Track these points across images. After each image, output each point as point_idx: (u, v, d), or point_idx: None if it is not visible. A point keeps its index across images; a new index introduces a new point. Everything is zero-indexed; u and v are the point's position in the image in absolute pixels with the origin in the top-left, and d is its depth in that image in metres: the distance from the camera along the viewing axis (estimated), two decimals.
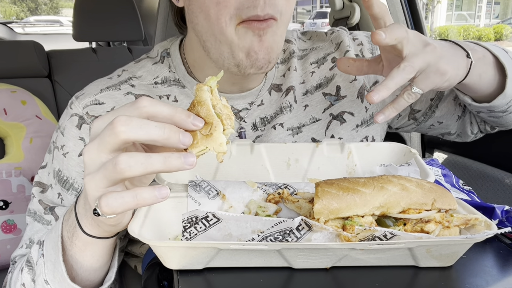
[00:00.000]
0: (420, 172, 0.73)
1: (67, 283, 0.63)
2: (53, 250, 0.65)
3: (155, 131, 0.48)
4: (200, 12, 0.76)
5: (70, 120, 0.83)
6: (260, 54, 0.75)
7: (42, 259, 0.67)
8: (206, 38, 0.78)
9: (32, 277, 0.69)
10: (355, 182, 0.60)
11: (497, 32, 18.16)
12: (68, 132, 0.83)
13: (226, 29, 0.73)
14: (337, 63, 0.81)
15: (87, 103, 0.83)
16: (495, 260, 0.62)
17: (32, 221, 0.83)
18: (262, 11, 0.71)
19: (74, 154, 0.82)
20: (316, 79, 0.94)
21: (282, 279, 0.58)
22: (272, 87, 0.92)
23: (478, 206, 0.71)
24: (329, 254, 0.57)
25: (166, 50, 0.91)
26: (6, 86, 1.76)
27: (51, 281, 0.66)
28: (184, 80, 0.87)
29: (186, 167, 0.49)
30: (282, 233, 0.55)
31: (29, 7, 30.96)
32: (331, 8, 1.95)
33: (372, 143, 0.83)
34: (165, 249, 0.57)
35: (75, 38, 2.13)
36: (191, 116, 0.50)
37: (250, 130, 0.88)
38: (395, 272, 0.59)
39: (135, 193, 0.49)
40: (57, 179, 0.83)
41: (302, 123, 0.91)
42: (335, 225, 0.58)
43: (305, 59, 0.96)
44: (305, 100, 0.92)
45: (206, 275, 0.58)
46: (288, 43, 0.96)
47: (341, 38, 0.96)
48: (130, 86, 0.86)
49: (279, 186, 0.71)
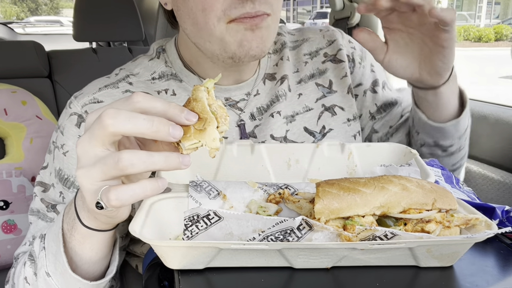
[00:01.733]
0: (421, 173, 0.74)
1: (68, 274, 0.64)
2: (54, 242, 0.66)
3: (143, 123, 0.48)
4: (188, 18, 0.78)
5: (70, 119, 0.84)
6: (253, 43, 0.76)
7: (43, 252, 0.68)
8: (196, 41, 0.80)
9: (34, 270, 0.70)
10: (356, 182, 0.60)
11: (497, 32, 18.15)
12: (68, 131, 0.83)
13: (215, 30, 0.75)
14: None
15: (86, 101, 0.84)
16: (495, 260, 0.62)
17: (36, 219, 0.83)
18: (252, 8, 0.72)
19: (74, 152, 0.82)
20: (310, 69, 0.96)
21: (283, 279, 0.58)
22: (266, 76, 0.93)
23: (478, 206, 0.71)
24: (329, 254, 0.57)
25: (162, 46, 0.92)
26: (7, 86, 1.76)
27: (52, 273, 0.66)
28: (181, 74, 0.88)
29: (182, 167, 0.50)
30: (283, 233, 0.55)
31: (29, 7, 30.97)
32: (331, 9, 1.95)
33: (372, 143, 0.83)
34: (166, 248, 0.57)
35: (75, 38, 2.12)
36: (184, 111, 0.50)
37: (249, 120, 0.90)
38: (395, 272, 0.59)
39: (143, 185, 0.50)
40: (58, 178, 0.83)
41: (296, 112, 0.93)
42: (336, 225, 0.58)
43: (298, 49, 0.98)
44: (298, 89, 0.94)
45: (207, 275, 0.58)
46: (279, 35, 0.98)
47: (335, 37, 1.00)
48: (128, 83, 0.87)
49: (280, 186, 0.71)
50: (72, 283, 0.65)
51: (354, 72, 1.00)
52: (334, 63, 0.98)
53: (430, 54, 0.80)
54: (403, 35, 0.82)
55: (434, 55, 0.79)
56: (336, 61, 0.98)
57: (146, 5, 3.08)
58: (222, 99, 0.88)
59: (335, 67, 0.98)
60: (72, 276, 0.64)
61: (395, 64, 0.83)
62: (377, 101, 1.02)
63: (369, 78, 1.02)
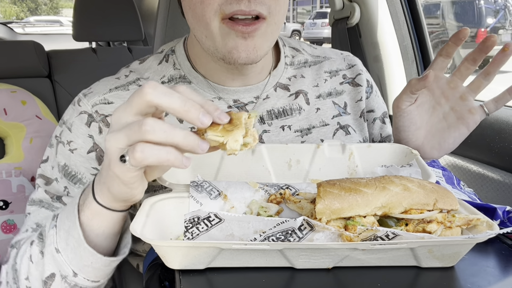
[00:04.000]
0: (422, 173, 0.73)
1: (83, 247, 0.64)
2: (68, 219, 0.66)
3: (177, 100, 0.52)
4: (188, 9, 0.78)
5: (79, 117, 0.84)
6: (242, 54, 0.75)
7: (54, 229, 0.68)
8: (195, 33, 0.81)
9: (40, 249, 0.70)
10: (357, 182, 0.60)
11: None
12: (77, 129, 0.83)
13: (210, 25, 0.75)
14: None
15: (96, 101, 0.84)
16: (496, 261, 0.62)
17: (38, 208, 0.83)
18: (247, 6, 0.72)
19: (83, 151, 0.83)
20: (328, 87, 0.97)
21: (284, 279, 0.58)
22: (278, 85, 0.93)
23: (480, 207, 0.71)
24: (331, 254, 0.57)
25: (171, 48, 0.93)
26: (6, 86, 1.75)
27: (62, 250, 0.66)
28: (190, 75, 0.89)
29: (198, 150, 0.52)
30: (284, 233, 0.55)
31: (29, 7, 30.94)
32: (331, 8, 1.95)
33: (373, 144, 0.83)
34: (167, 248, 0.57)
35: (75, 38, 2.12)
36: (219, 110, 0.53)
37: (257, 123, 0.89)
38: (397, 272, 0.59)
39: (168, 150, 0.52)
40: (63, 173, 0.83)
41: (313, 125, 0.93)
42: (337, 225, 0.58)
43: (320, 65, 1.00)
44: (317, 103, 0.95)
45: (208, 275, 0.58)
46: (297, 52, 0.99)
47: (355, 62, 1.03)
48: (137, 86, 0.87)
49: (281, 186, 0.71)
50: (85, 257, 0.65)
51: (370, 98, 1.02)
52: (351, 86, 0.99)
53: (444, 129, 0.84)
54: (431, 100, 0.84)
55: (450, 131, 0.83)
56: (354, 84, 1.00)
57: (146, 5, 3.08)
58: (231, 101, 0.88)
59: (352, 90, 0.99)
60: (87, 249, 0.64)
61: (411, 117, 0.84)
62: (382, 132, 1.04)
63: (381, 108, 1.05)
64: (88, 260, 0.66)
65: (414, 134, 0.85)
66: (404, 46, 1.81)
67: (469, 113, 0.82)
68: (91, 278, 0.68)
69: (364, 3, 1.79)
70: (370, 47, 1.86)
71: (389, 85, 1.86)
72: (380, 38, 1.82)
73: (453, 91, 0.83)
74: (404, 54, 1.82)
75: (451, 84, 0.82)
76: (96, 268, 0.67)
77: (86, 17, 2.11)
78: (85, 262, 0.66)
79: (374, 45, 1.84)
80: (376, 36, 1.82)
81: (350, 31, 1.90)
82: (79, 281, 0.68)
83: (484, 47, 0.76)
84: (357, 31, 1.88)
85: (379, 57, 1.84)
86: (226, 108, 0.88)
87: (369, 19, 1.81)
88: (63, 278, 0.68)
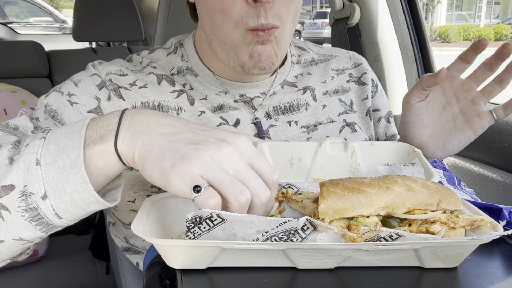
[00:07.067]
0: (424, 172, 0.73)
1: (78, 169, 0.55)
2: (67, 137, 0.57)
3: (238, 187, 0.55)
4: (206, 15, 0.78)
5: (92, 78, 0.83)
6: (263, 56, 0.77)
7: (42, 141, 0.58)
8: (211, 38, 0.81)
9: (10, 155, 0.58)
10: (360, 182, 0.59)
11: (497, 32, 18.17)
12: (85, 87, 0.82)
13: (232, 34, 0.76)
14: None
15: (111, 70, 0.85)
16: (500, 262, 0.62)
17: (5, 134, 0.73)
18: (265, 19, 0.73)
19: (84, 109, 0.80)
20: (335, 84, 0.98)
21: (286, 279, 0.57)
22: (285, 82, 0.94)
23: (485, 207, 0.70)
24: (333, 254, 0.57)
25: (180, 41, 0.93)
26: (6, 86, 1.75)
27: (45, 164, 0.56)
28: (197, 68, 0.89)
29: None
30: (287, 233, 0.54)
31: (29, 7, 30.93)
32: (331, 8, 1.95)
33: (375, 142, 0.83)
34: (168, 248, 0.57)
35: (75, 38, 2.12)
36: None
37: (264, 118, 0.89)
38: (400, 273, 0.59)
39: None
40: (50, 115, 0.78)
41: (319, 122, 0.94)
42: (340, 225, 0.58)
43: (327, 63, 1.01)
44: (324, 100, 0.96)
45: (209, 275, 0.58)
46: (303, 51, 1.01)
47: (361, 61, 1.04)
48: (152, 67, 0.89)
49: (283, 185, 0.71)
50: (72, 181, 0.55)
51: (375, 97, 1.03)
52: (357, 85, 1.01)
53: (451, 130, 0.83)
54: (442, 100, 0.84)
55: (456, 133, 0.83)
56: (360, 83, 1.01)
57: (146, 5, 3.08)
58: (237, 95, 0.89)
59: (358, 88, 1.00)
60: (80, 173, 0.55)
61: (419, 114, 0.84)
62: (387, 131, 1.05)
63: (386, 107, 1.05)
64: (73, 186, 0.55)
65: (420, 131, 0.85)
66: (404, 46, 1.81)
67: (477, 118, 0.81)
68: (58, 208, 0.56)
69: (364, 3, 1.79)
70: (370, 47, 1.86)
71: (389, 85, 1.86)
72: (380, 38, 1.82)
73: (465, 93, 0.82)
74: (404, 54, 1.82)
75: (464, 86, 0.82)
76: (73, 200, 0.56)
77: (86, 17, 2.11)
78: (67, 187, 0.55)
79: (374, 45, 1.84)
80: (376, 36, 1.82)
81: (350, 31, 1.90)
82: (42, 206, 0.56)
83: (501, 54, 0.76)
84: (357, 31, 1.88)
85: (379, 57, 1.84)
86: (233, 102, 0.88)
87: (369, 19, 1.81)
88: (24, 195, 0.55)
